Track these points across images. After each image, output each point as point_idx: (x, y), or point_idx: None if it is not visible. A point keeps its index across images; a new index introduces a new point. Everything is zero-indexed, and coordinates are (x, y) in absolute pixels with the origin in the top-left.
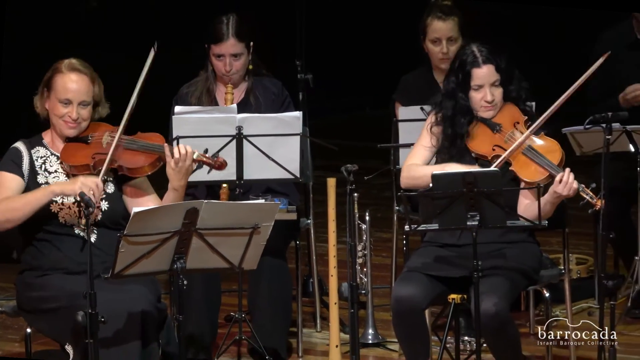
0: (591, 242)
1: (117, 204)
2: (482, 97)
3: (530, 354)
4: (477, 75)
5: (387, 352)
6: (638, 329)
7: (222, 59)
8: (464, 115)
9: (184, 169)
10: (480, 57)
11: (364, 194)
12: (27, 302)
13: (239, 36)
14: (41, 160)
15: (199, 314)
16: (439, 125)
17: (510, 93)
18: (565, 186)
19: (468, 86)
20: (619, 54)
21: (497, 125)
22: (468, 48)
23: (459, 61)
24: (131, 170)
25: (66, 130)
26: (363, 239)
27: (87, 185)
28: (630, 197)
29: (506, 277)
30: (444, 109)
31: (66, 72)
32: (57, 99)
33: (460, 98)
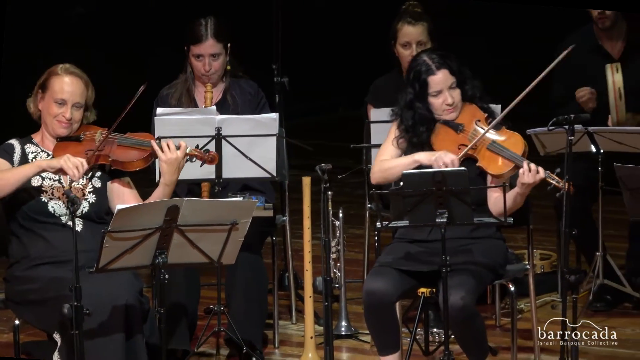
0: (554, 239)
1: (104, 198)
2: (442, 102)
3: (496, 345)
4: (434, 81)
5: (360, 343)
6: (598, 321)
7: (201, 59)
8: (423, 124)
9: (176, 161)
10: (433, 64)
11: (338, 192)
12: (15, 294)
13: (217, 37)
14: (32, 155)
15: (179, 306)
16: (403, 136)
17: (466, 92)
18: (531, 174)
19: (426, 95)
20: (581, 58)
21: (460, 125)
22: (419, 58)
23: (414, 72)
24: (124, 164)
25: (59, 129)
26: (337, 235)
27: (72, 161)
28: (592, 195)
29: (473, 272)
30: (405, 119)
31: (62, 74)
32: (52, 99)
33: (418, 108)
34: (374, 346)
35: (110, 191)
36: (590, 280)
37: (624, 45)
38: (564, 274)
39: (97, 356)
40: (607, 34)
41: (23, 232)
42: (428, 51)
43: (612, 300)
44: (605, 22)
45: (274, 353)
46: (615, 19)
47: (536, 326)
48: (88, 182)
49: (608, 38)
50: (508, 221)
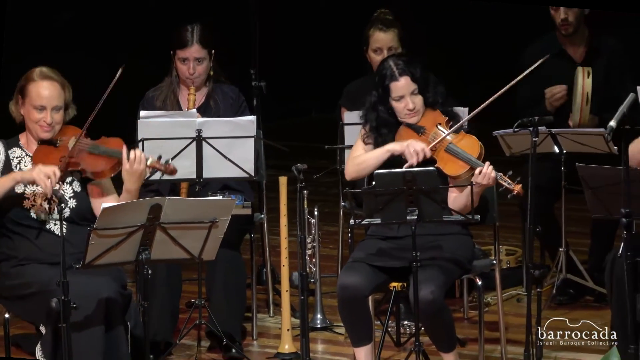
0: (519, 235)
1: (84, 201)
2: (404, 106)
3: (464, 337)
4: (396, 87)
5: (334, 335)
6: (562, 314)
7: (186, 62)
8: (385, 126)
9: (137, 172)
10: (397, 70)
11: (313, 191)
12: (5, 289)
13: (202, 42)
14: (17, 160)
15: (162, 300)
16: (369, 136)
17: (427, 99)
18: (484, 177)
19: (388, 99)
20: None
21: (421, 127)
22: (386, 63)
23: (379, 76)
24: (94, 173)
25: (42, 133)
26: (312, 232)
27: (44, 171)
28: (555, 194)
29: (442, 267)
30: (369, 121)
31: (38, 80)
32: (31, 106)
33: (380, 111)
34: (348, 338)
35: (91, 194)
36: (553, 274)
37: (585, 50)
38: (529, 268)
39: (79, 347)
40: (570, 39)
41: (11, 234)
42: (395, 56)
43: (575, 294)
44: (568, 28)
45: (253, 345)
46: (577, 25)
47: (502, 319)
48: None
49: (571, 43)
50: (475, 219)
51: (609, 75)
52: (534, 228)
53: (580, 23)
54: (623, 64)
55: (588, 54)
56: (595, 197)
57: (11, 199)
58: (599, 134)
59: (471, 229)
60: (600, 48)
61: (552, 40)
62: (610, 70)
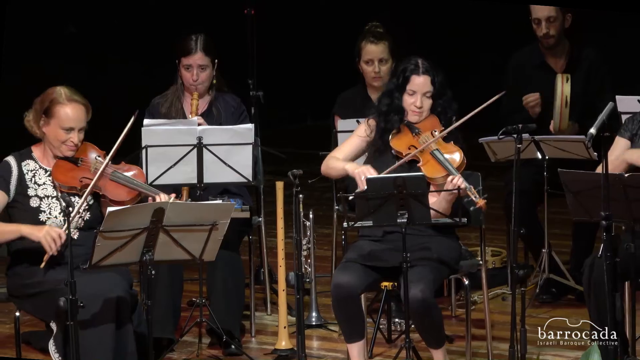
0: (504, 237)
1: (97, 211)
2: (412, 102)
3: (452, 333)
4: (415, 81)
5: (329, 332)
6: (545, 312)
7: (190, 69)
8: (396, 113)
9: None
10: (422, 67)
11: (308, 195)
12: (16, 289)
13: (205, 51)
14: (31, 173)
15: (164, 299)
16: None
17: (437, 107)
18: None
19: (404, 89)
20: (528, 73)
21: (417, 129)
22: (413, 58)
23: (403, 66)
24: (113, 201)
25: (67, 152)
26: (307, 234)
27: (51, 234)
28: (538, 197)
29: (431, 267)
30: (381, 105)
31: (66, 102)
32: (59, 127)
33: (395, 97)
34: (342, 335)
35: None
36: (537, 274)
37: (566, 62)
38: (513, 269)
39: (90, 344)
40: (551, 51)
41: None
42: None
43: (557, 293)
44: (549, 41)
45: (251, 341)
46: (558, 38)
47: (488, 316)
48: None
49: (552, 55)
50: (462, 221)
51: (588, 85)
52: (518, 230)
53: (561, 36)
54: (602, 74)
55: (568, 65)
56: (576, 200)
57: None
58: (579, 140)
59: (458, 231)
60: (580, 59)
61: (534, 51)
62: (590, 80)
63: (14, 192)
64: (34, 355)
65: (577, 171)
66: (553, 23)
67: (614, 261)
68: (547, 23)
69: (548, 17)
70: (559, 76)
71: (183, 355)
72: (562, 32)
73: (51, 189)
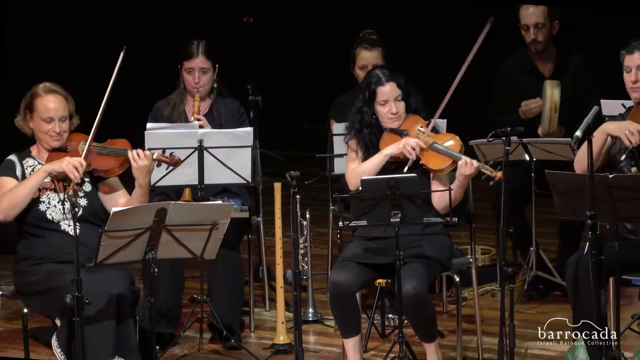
0: (493, 236)
1: (95, 200)
2: (388, 110)
3: (444, 328)
4: (382, 92)
5: (325, 327)
6: (532, 308)
7: (192, 73)
8: (368, 128)
9: (145, 167)
10: (384, 77)
11: (305, 196)
12: (23, 286)
13: (207, 55)
14: (30, 168)
15: (167, 296)
16: (352, 138)
17: (410, 105)
18: (467, 166)
19: (373, 102)
20: (517, 77)
21: (404, 131)
22: (372, 71)
23: (366, 82)
24: (105, 171)
25: (52, 142)
26: (304, 233)
27: (72, 162)
28: (526, 198)
29: (423, 264)
30: (354, 124)
31: (44, 94)
32: (40, 119)
33: (365, 112)
34: (338, 330)
35: (102, 192)
36: (525, 271)
37: (553, 67)
38: (502, 266)
39: (93, 340)
40: (539, 56)
41: (28, 235)
42: (381, 67)
43: (544, 289)
44: (537, 47)
45: (250, 336)
46: (546, 44)
47: (478, 312)
48: (79, 187)
49: (540, 60)
50: (453, 220)
51: (574, 89)
52: (507, 229)
53: (548, 42)
54: (588, 78)
55: (556, 69)
56: (562, 200)
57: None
58: (566, 143)
59: (449, 230)
60: (567, 64)
61: (524, 55)
62: (576, 84)
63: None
64: (41, 349)
65: (564, 172)
66: (541, 29)
67: (599, 259)
68: (536, 29)
69: (536, 23)
70: (548, 82)
71: (185, 350)
72: (549, 38)
73: (49, 182)
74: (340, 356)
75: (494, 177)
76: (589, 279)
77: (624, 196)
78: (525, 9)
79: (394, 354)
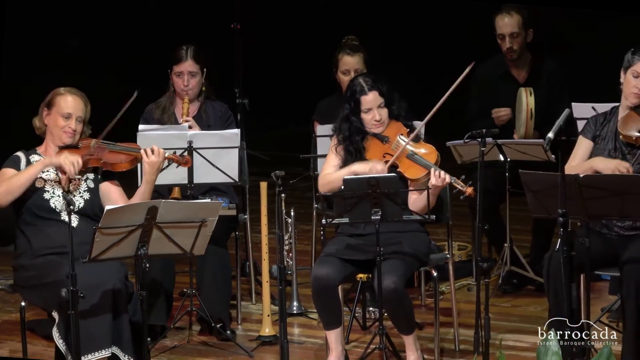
0: (469, 233)
1: (96, 196)
2: (372, 117)
3: (422, 321)
4: (366, 100)
5: (309, 320)
6: (507, 301)
7: (181, 76)
8: (357, 134)
9: (157, 164)
10: (366, 86)
11: (290, 195)
12: (21, 280)
13: (195, 59)
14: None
15: (158, 290)
16: (341, 144)
17: (392, 112)
18: (438, 179)
19: (359, 111)
20: (493, 82)
21: (385, 137)
22: (356, 80)
23: (350, 91)
24: (113, 165)
25: (65, 138)
26: (289, 230)
27: (69, 159)
28: (501, 196)
29: (403, 260)
30: (342, 130)
31: (65, 93)
32: (58, 114)
33: (353, 121)
34: (321, 322)
35: (102, 191)
36: (499, 267)
37: (528, 73)
38: (478, 262)
39: (89, 332)
40: (514, 63)
41: (28, 227)
42: (364, 74)
43: (518, 284)
44: (513, 55)
45: (238, 329)
46: (521, 52)
47: (455, 305)
48: (83, 182)
49: (515, 67)
50: (431, 218)
51: (548, 94)
52: (482, 226)
53: (523, 50)
54: (560, 84)
55: (530, 75)
56: (535, 199)
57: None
58: (538, 144)
59: (427, 227)
60: (540, 70)
61: (499, 62)
62: (549, 89)
63: None
64: (38, 341)
65: (537, 172)
66: (516, 38)
67: (570, 255)
68: (511, 38)
69: (512, 32)
70: (522, 90)
71: (175, 342)
72: (524, 46)
73: (53, 174)
74: (323, 347)
75: (465, 192)
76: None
77: (594, 195)
78: (501, 19)
79: (374, 345)
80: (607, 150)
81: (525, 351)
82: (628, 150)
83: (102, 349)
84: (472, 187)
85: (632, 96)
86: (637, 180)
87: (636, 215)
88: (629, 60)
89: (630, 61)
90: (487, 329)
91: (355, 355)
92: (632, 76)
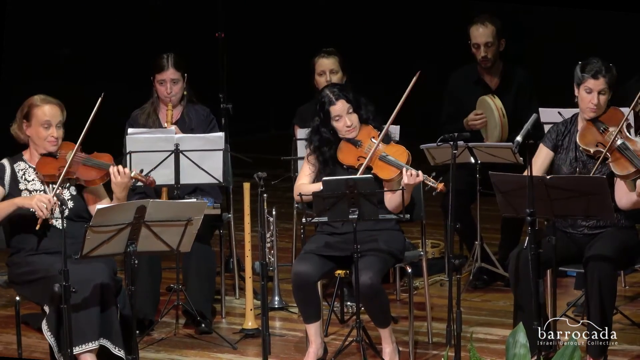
0: (442, 231)
1: (79, 202)
2: (343, 124)
3: (397, 315)
4: (335, 109)
5: (289, 314)
6: (477, 296)
7: (163, 84)
8: (326, 145)
9: (123, 183)
10: (333, 96)
11: (271, 195)
12: (15, 276)
13: (176, 67)
14: (22, 172)
15: (145, 285)
16: (312, 154)
17: (362, 116)
18: (411, 177)
19: (329, 121)
20: (466, 89)
21: (358, 141)
22: (323, 92)
23: (319, 104)
24: (86, 181)
25: (50, 147)
26: (271, 228)
27: (41, 200)
28: (472, 196)
29: (379, 257)
30: (313, 142)
31: (41, 104)
32: (38, 125)
33: (322, 132)
34: (301, 316)
35: (87, 198)
36: (470, 263)
37: (499, 80)
38: (450, 258)
39: (78, 325)
40: (487, 71)
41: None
42: (330, 85)
43: (488, 280)
44: (487, 63)
45: (222, 322)
46: (494, 60)
47: (428, 300)
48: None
49: (488, 74)
50: (406, 217)
51: (518, 100)
52: (454, 225)
53: (496, 58)
54: (529, 91)
55: (501, 82)
56: (504, 199)
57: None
58: (507, 147)
59: (402, 225)
60: (511, 78)
61: (472, 69)
62: (519, 96)
63: (8, 187)
64: (32, 333)
65: (506, 174)
66: (490, 47)
67: (537, 252)
68: (485, 47)
69: (486, 42)
70: (487, 97)
71: (162, 334)
72: (497, 54)
73: (39, 184)
74: (303, 340)
75: (436, 188)
76: (529, 271)
77: (560, 195)
78: (475, 30)
79: (352, 338)
80: (569, 160)
81: (495, 344)
82: (589, 160)
83: (90, 342)
84: (442, 183)
85: (589, 110)
86: (602, 181)
87: (600, 215)
88: (579, 77)
89: (580, 78)
90: (458, 322)
91: (333, 347)
92: (585, 92)
